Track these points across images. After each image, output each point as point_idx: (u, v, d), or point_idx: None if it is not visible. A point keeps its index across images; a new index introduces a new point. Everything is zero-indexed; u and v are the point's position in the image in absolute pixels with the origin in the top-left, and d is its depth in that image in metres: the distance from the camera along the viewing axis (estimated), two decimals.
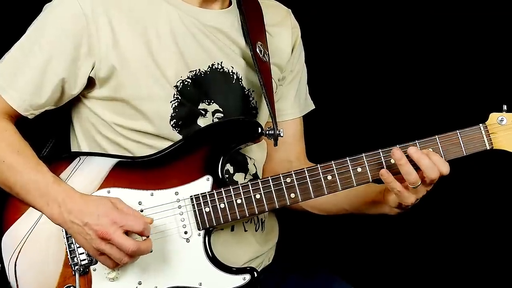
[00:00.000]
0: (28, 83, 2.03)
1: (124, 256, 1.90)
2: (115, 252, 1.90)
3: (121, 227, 1.89)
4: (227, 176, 2.13)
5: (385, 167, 1.96)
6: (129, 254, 1.90)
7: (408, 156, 1.93)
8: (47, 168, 1.99)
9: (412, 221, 2.25)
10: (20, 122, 2.08)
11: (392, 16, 2.98)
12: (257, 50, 2.16)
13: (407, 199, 1.96)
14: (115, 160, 2.04)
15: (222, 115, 2.12)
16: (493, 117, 1.99)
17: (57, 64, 2.02)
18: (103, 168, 2.03)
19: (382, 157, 1.97)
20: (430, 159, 1.93)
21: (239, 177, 2.16)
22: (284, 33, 2.30)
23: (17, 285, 2.01)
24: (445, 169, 1.94)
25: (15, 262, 2.00)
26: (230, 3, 2.22)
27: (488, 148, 1.98)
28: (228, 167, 2.14)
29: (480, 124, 1.98)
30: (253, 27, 2.20)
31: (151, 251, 1.98)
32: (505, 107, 1.99)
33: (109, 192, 2.00)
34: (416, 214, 2.05)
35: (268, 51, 2.21)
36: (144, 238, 1.93)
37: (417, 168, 1.93)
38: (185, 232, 2.00)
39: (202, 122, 2.11)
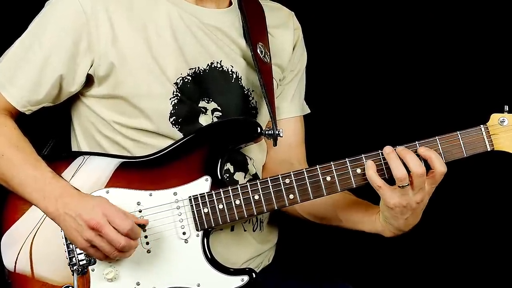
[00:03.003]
0: (27, 80, 2.04)
1: (114, 250, 1.90)
2: (105, 244, 1.90)
3: (110, 221, 1.89)
4: (227, 175, 2.12)
5: (384, 168, 1.95)
6: (119, 249, 1.90)
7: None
8: (45, 164, 2.00)
9: None
10: (22, 120, 2.08)
11: (392, 17, 2.98)
12: (258, 50, 2.16)
13: (388, 199, 1.94)
14: (118, 161, 2.04)
15: (221, 114, 2.12)
16: (494, 118, 1.97)
17: (56, 61, 2.03)
18: (106, 168, 2.03)
19: (381, 158, 1.95)
20: (424, 153, 1.92)
21: (239, 177, 2.15)
22: (286, 34, 2.30)
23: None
24: (442, 168, 1.92)
25: (15, 263, 2.02)
26: (231, 3, 2.22)
27: (489, 149, 1.97)
28: (229, 166, 2.13)
29: (481, 125, 1.97)
30: (254, 27, 2.20)
31: (149, 252, 1.99)
32: (506, 107, 1.97)
33: (107, 192, 2.00)
34: None
35: (269, 52, 2.21)
36: None
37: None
38: (184, 233, 2.00)
39: (203, 120, 2.11)
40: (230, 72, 2.15)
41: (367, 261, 3.00)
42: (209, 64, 2.12)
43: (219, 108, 2.12)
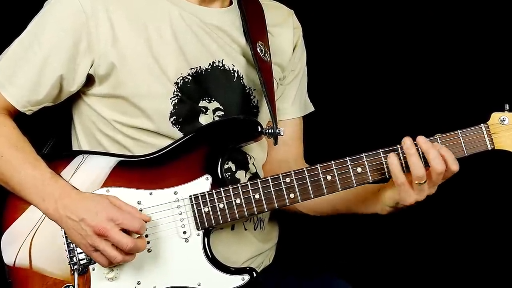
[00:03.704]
0: (27, 79, 2.04)
1: (118, 254, 1.90)
2: (110, 249, 1.90)
3: (118, 225, 1.90)
4: (229, 174, 2.13)
5: (385, 168, 1.95)
6: (126, 251, 1.89)
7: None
8: (45, 164, 1.99)
9: (412, 221, 2.25)
10: (21, 120, 2.08)
11: (392, 17, 2.98)
12: (258, 49, 2.16)
13: (407, 197, 1.93)
14: (116, 160, 2.04)
15: (223, 113, 2.12)
16: (495, 116, 1.97)
17: (56, 61, 2.03)
18: (104, 167, 2.03)
19: (382, 157, 1.95)
20: (439, 151, 1.90)
21: (240, 175, 2.16)
22: (285, 33, 2.30)
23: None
24: (455, 166, 1.92)
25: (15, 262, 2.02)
26: (231, 2, 2.22)
27: (489, 148, 1.96)
28: (230, 164, 2.14)
29: (482, 124, 1.96)
30: (254, 26, 2.20)
31: (150, 251, 1.99)
32: (507, 106, 1.97)
33: (108, 191, 2.00)
34: (416, 214, 2.04)
35: (269, 51, 2.21)
36: (137, 236, 1.93)
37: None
38: (184, 232, 1.99)
39: (203, 119, 2.11)
40: (232, 71, 2.15)
41: (366, 260, 3.00)
42: (211, 64, 2.12)
43: (221, 107, 2.12)
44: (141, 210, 1.98)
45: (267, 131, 2.07)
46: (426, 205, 2.00)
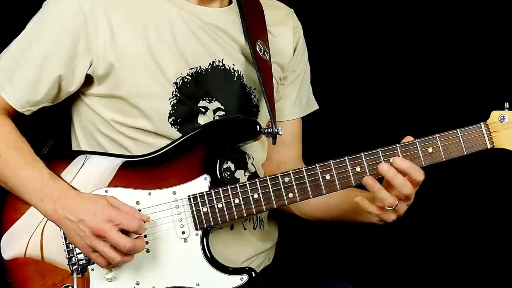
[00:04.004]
0: (25, 80, 2.04)
1: (117, 255, 1.90)
2: (108, 250, 1.89)
3: (116, 225, 1.89)
4: (228, 173, 2.12)
5: None
6: (125, 252, 1.89)
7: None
8: (43, 165, 1.99)
9: (411, 221, 2.23)
10: (20, 120, 2.08)
11: (392, 16, 2.97)
12: (257, 48, 2.16)
13: (386, 218, 1.96)
14: (121, 160, 2.03)
15: (224, 113, 2.12)
16: (495, 115, 1.96)
17: (54, 61, 2.03)
18: (107, 167, 2.03)
19: (381, 157, 1.95)
20: (403, 169, 1.90)
21: (240, 175, 2.15)
22: (285, 33, 2.29)
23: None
24: (421, 176, 1.91)
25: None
26: (230, 2, 2.22)
27: (489, 147, 1.96)
28: (229, 164, 2.13)
29: (481, 123, 1.96)
30: (253, 26, 2.20)
31: (148, 251, 1.99)
32: (507, 104, 1.96)
33: (106, 191, 2.00)
34: (415, 214, 2.03)
35: (269, 50, 2.20)
36: (136, 236, 1.92)
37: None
38: (183, 232, 1.99)
39: (202, 120, 2.10)
40: (232, 71, 2.15)
41: (366, 261, 3.00)
42: (211, 63, 2.12)
43: (222, 107, 2.12)
44: (140, 210, 1.98)
45: (266, 130, 2.06)
46: (425, 205, 2.00)
